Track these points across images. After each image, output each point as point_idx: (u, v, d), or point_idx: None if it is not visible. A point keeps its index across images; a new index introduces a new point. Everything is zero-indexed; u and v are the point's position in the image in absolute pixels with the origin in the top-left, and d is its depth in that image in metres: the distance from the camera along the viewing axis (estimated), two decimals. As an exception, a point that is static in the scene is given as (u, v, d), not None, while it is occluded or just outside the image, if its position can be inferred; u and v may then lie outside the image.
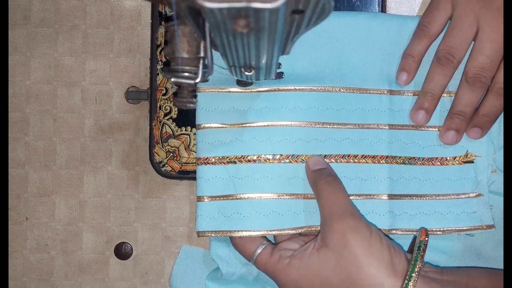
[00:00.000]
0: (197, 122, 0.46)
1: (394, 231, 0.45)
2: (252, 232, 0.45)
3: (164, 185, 0.50)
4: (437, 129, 0.46)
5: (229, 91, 0.46)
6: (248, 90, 0.46)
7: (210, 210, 0.45)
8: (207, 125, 0.46)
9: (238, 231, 0.45)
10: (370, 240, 0.40)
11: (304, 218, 0.45)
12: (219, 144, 0.46)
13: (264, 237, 0.45)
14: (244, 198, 0.45)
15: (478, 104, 0.45)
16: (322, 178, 0.43)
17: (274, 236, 0.46)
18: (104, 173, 0.50)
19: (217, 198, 0.45)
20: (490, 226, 0.45)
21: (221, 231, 0.45)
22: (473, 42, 0.44)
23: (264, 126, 0.46)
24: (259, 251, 0.43)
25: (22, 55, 0.50)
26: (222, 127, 0.46)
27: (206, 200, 0.45)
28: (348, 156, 0.46)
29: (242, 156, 0.45)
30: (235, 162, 0.45)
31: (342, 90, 0.46)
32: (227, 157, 0.46)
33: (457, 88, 0.45)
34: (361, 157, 0.46)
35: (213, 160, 0.46)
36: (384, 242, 0.41)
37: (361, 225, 0.41)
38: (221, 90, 0.46)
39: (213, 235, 0.45)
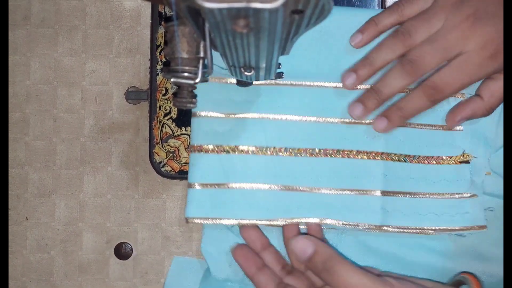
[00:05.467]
0: (193, 110, 0.46)
1: (385, 228, 0.45)
2: (241, 221, 0.45)
3: (164, 185, 0.50)
4: (435, 128, 0.46)
5: (227, 82, 0.46)
6: None
7: (201, 197, 0.45)
8: (203, 114, 0.46)
9: (227, 219, 0.45)
10: None
11: (295, 210, 0.45)
12: (214, 133, 0.45)
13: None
14: (236, 187, 0.45)
15: (401, 94, 0.44)
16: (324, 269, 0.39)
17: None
18: (104, 173, 0.50)
19: (209, 186, 0.45)
20: (482, 227, 0.45)
21: (210, 218, 0.45)
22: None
23: (259, 118, 0.46)
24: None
25: (22, 55, 0.50)
26: (218, 116, 0.46)
27: (197, 187, 0.45)
28: (343, 151, 0.46)
29: (236, 146, 0.46)
30: (228, 152, 0.45)
31: (339, 87, 0.46)
32: (221, 146, 0.45)
33: None
34: (356, 153, 0.46)
35: (207, 148, 0.45)
36: None
37: None
38: (219, 80, 0.46)
39: (202, 221, 0.45)
